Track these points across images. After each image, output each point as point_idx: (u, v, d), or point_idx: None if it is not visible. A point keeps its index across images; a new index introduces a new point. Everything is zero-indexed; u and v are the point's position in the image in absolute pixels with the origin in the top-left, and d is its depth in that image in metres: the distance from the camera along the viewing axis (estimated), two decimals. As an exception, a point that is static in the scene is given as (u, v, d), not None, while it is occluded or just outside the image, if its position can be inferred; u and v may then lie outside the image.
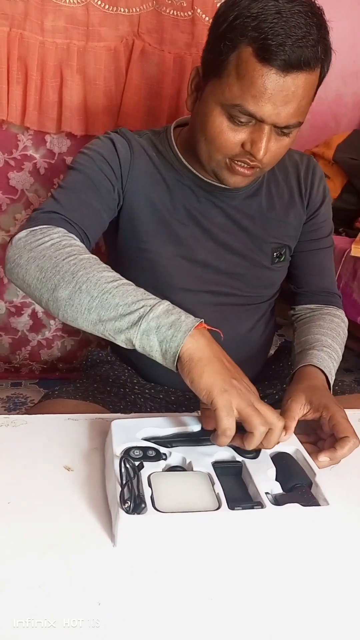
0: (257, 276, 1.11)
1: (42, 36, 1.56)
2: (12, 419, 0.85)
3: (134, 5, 1.60)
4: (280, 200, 1.11)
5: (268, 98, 0.84)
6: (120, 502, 0.62)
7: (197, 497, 0.66)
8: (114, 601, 0.56)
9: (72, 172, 0.99)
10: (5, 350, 2.05)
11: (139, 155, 1.03)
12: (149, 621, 0.54)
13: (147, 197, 1.03)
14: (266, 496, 0.67)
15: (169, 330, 0.71)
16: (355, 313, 1.85)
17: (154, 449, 0.72)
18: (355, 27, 2.30)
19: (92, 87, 1.63)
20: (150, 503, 0.63)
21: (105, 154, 1.00)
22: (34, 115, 1.62)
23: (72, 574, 0.59)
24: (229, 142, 0.91)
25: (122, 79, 1.65)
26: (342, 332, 1.15)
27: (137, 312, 0.73)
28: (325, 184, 1.16)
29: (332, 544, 0.66)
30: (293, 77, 0.83)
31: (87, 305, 0.75)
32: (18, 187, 1.79)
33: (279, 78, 0.83)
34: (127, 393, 1.10)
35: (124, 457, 0.69)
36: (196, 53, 1.67)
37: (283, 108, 0.86)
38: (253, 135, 0.89)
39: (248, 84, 0.84)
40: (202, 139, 0.95)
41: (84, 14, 1.57)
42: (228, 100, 0.87)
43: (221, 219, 1.07)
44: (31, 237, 0.84)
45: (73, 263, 0.78)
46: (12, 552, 0.61)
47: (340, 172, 2.16)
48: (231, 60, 0.86)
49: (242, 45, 0.84)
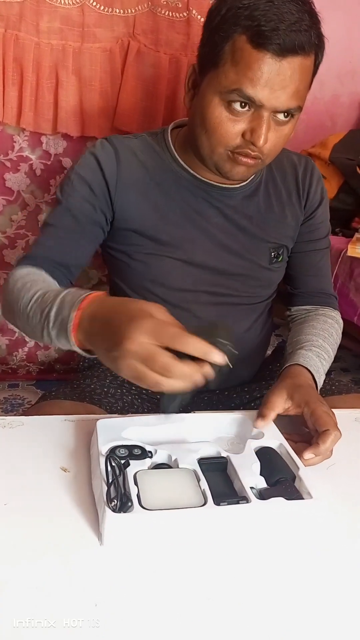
0: (255, 276, 1.12)
1: (37, 37, 1.56)
2: (8, 421, 0.85)
3: (129, 6, 1.60)
4: (278, 200, 1.11)
5: (265, 82, 0.85)
6: (106, 501, 0.63)
7: (183, 494, 0.66)
8: (113, 601, 0.56)
9: (58, 206, 1.04)
10: (2, 351, 2.04)
11: (127, 163, 1.04)
12: (148, 620, 0.54)
13: (139, 203, 1.04)
14: (251, 491, 0.68)
15: (63, 336, 0.76)
16: (352, 313, 1.85)
17: (139, 447, 0.72)
18: (351, 27, 2.30)
19: (87, 88, 1.63)
20: (137, 501, 0.63)
21: (88, 176, 1.02)
22: (29, 116, 1.62)
23: (71, 574, 0.59)
24: (229, 133, 0.91)
25: (118, 80, 1.65)
26: (335, 333, 1.15)
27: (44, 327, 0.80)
28: (323, 186, 1.16)
29: (316, 536, 0.67)
30: (289, 60, 0.84)
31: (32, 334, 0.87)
32: (14, 189, 1.79)
33: (275, 62, 0.84)
34: (124, 394, 1.10)
35: (110, 455, 0.69)
36: (192, 54, 1.67)
37: (281, 92, 0.86)
38: (252, 123, 0.89)
39: (245, 68, 0.85)
40: (202, 132, 0.95)
41: (79, 15, 1.57)
42: (225, 86, 0.88)
43: (219, 219, 1.07)
44: (12, 283, 0.94)
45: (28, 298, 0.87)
46: (11, 553, 0.61)
47: (337, 172, 2.16)
48: (226, 50, 0.87)
49: (236, 35, 0.85)
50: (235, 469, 0.71)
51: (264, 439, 0.78)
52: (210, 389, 1.16)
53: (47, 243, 1.04)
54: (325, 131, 2.38)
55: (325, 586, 0.61)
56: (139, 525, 0.63)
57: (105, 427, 0.76)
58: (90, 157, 1.04)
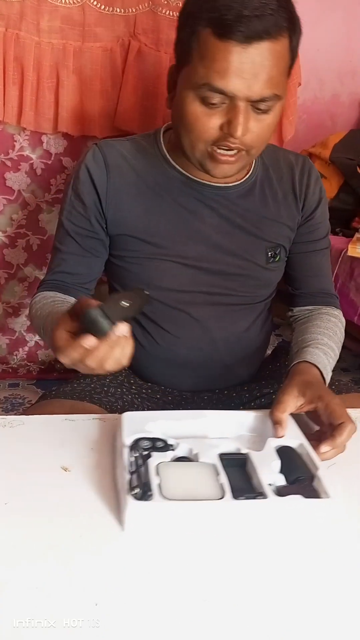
0: (252, 276, 1.11)
1: (38, 36, 1.56)
2: (9, 420, 0.85)
3: (130, 6, 1.60)
4: (274, 200, 1.10)
5: (234, 72, 0.83)
6: (128, 489, 0.65)
7: (202, 487, 0.68)
8: (113, 601, 0.56)
9: (61, 228, 1.10)
10: (3, 350, 2.04)
11: (117, 169, 1.04)
12: (149, 619, 0.54)
13: (131, 207, 1.04)
14: (269, 487, 0.69)
15: None
16: (352, 313, 1.85)
17: (162, 440, 0.75)
18: (350, 27, 2.30)
19: (88, 87, 1.63)
20: (158, 491, 0.66)
21: (80, 189, 1.05)
22: (30, 115, 1.62)
23: (71, 574, 0.59)
24: (206, 127, 0.90)
25: (119, 80, 1.65)
26: (339, 331, 1.15)
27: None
28: (321, 185, 1.16)
29: (332, 535, 0.67)
30: (255, 47, 0.82)
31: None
32: (15, 188, 1.79)
33: (241, 50, 0.82)
34: (124, 393, 1.10)
35: (133, 446, 0.72)
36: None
37: (253, 80, 0.84)
38: (229, 114, 0.88)
39: (210, 61, 0.84)
40: (182, 130, 0.95)
41: (80, 14, 1.57)
42: (196, 82, 0.87)
43: (214, 219, 1.06)
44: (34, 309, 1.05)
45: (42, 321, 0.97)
46: (11, 552, 0.61)
47: (337, 172, 2.16)
48: (193, 46, 0.87)
49: (200, 28, 0.85)
50: (255, 466, 0.72)
51: (284, 438, 0.79)
52: (213, 389, 1.16)
53: (57, 269, 1.10)
54: (325, 131, 2.38)
55: (339, 586, 0.61)
56: (158, 514, 0.65)
57: (130, 419, 0.78)
58: (83, 168, 1.05)
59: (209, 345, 1.11)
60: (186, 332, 1.10)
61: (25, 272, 1.94)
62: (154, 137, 1.08)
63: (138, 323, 1.12)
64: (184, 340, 1.10)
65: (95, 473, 0.74)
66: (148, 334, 1.11)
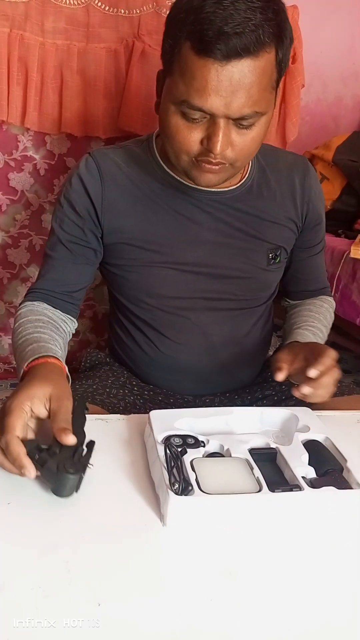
0: (252, 278, 1.11)
1: (42, 37, 1.56)
2: (11, 420, 0.85)
3: (134, 7, 1.60)
4: (272, 202, 1.09)
5: (212, 90, 0.82)
6: (169, 485, 0.67)
7: (238, 481, 0.70)
8: (114, 601, 0.56)
9: (52, 235, 1.09)
10: (5, 350, 2.04)
11: (111, 179, 1.04)
12: (149, 618, 0.54)
13: (127, 216, 1.04)
14: (302, 480, 0.71)
15: None
16: (354, 315, 1.85)
17: (192, 437, 0.77)
18: (354, 29, 2.30)
19: (92, 88, 1.63)
20: (197, 486, 0.68)
21: (74, 199, 1.05)
22: (34, 116, 1.62)
23: (71, 574, 0.59)
24: (187, 141, 0.89)
25: (122, 81, 1.65)
26: (329, 315, 1.22)
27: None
28: (320, 188, 1.16)
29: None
30: (234, 64, 0.80)
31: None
32: (18, 188, 1.80)
33: (219, 68, 0.80)
34: (126, 394, 1.10)
35: (167, 443, 0.74)
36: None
37: (232, 98, 0.82)
38: (208, 130, 0.87)
39: (190, 79, 0.83)
40: (166, 140, 0.94)
41: (84, 15, 1.57)
42: (176, 97, 0.86)
43: (211, 223, 1.06)
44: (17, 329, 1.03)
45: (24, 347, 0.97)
46: (12, 552, 0.61)
47: (340, 174, 2.16)
48: (175, 58, 0.85)
49: (182, 41, 0.83)
50: (286, 459, 0.74)
51: (310, 432, 0.81)
52: (214, 393, 1.17)
53: (46, 276, 1.09)
54: (328, 133, 2.38)
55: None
56: (200, 508, 0.67)
57: (157, 417, 0.80)
58: (76, 178, 1.05)
59: (209, 350, 1.11)
60: (187, 338, 1.10)
61: (28, 272, 1.94)
62: (146, 144, 1.08)
63: (140, 330, 1.12)
64: (184, 346, 1.10)
65: (97, 473, 0.74)
66: (149, 341, 1.11)
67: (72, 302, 1.11)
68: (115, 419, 0.88)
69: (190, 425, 0.81)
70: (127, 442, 0.82)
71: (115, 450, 0.80)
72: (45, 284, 1.09)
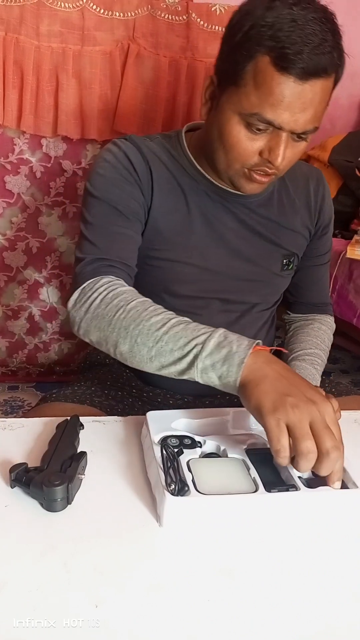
0: (266, 282, 1.12)
1: (37, 40, 1.56)
2: (9, 422, 0.85)
3: (129, 10, 1.61)
4: (291, 209, 1.11)
5: (286, 106, 0.84)
6: (165, 485, 0.66)
7: (235, 481, 0.70)
8: (114, 601, 0.56)
9: (95, 201, 0.98)
10: (2, 353, 2.05)
11: (154, 163, 1.02)
12: (147, 618, 0.55)
13: (163, 205, 1.02)
14: (299, 480, 0.71)
15: (223, 366, 0.74)
16: (351, 315, 1.85)
17: (189, 438, 0.77)
18: (349, 30, 2.30)
19: (87, 91, 1.63)
20: (193, 486, 0.67)
21: (122, 170, 0.99)
22: (29, 119, 1.63)
23: (71, 575, 0.59)
24: (247, 151, 0.91)
25: (118, 83, 1.65)
26: (327, 339, 1.21)
27: (192, 353, 0.76)
28: (331, 201, 1.18)
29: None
30: (311, 84, 0.83)
31: (147, 356, 0.81)
32: (14, 191, 1.80)
33: (297, 86, 0.83)
34: (125, 396, 1.10)
35: (164, 444, 0.73)
36: (191, 57, 1.68)
37: (301, 115, 0.86)
38: (271, 142, 0.89)
39: (266, 93, 0.84)
40: (219, 147, 0.94)
41: (80, 18, 1.58)
42: (246, 109, 0.87)
43: (234, 224, 1.06)
44: (82, 296, 0.90)
45: (123, 317, 0.83)
46: (11, 553, 0.61)
47: (336, 174, 2.16)
48: (248, 70, 0.85)
49: (259, 55, 0.84)
50: None
51: None
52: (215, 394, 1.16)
53: (98, 243, 0.95)
54: (324, 133, 2.38)
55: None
56: (196, 508, 0.67)
57: (154, 418, 0.80)
58: (120, 153, 1.01)
59: None
60: None
61: (24, 275, 1.94)
62: (176, 139, 1.07)
63: None
64: None
65: (94, 475, 0.74)
66: None
67: (130, 274, 0.97)
68: (112, 420, 0.89)
69: (187, 426, 0.81)
70: (124, 444, 0.82)
71: (112, 452, 0.80)
72: (97, 251, 0.94)
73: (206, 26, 1.66)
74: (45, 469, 0.69)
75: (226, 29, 0.90)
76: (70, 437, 0.77)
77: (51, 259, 1.94)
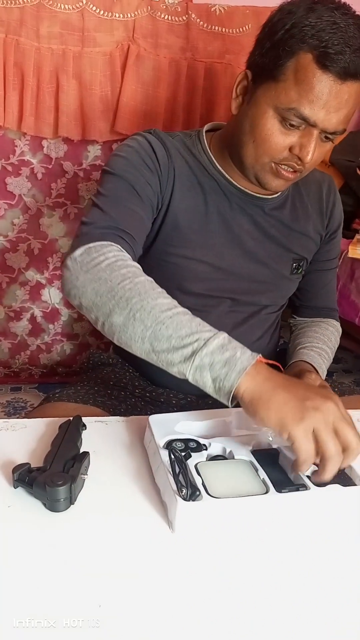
0: (275, 284, 1.12)
1: (37, 42, 1.57)
2: (11, 423, 0.85)
3: (128, 11, 1.61)
4: (304, 214, 1.12)
5: (323, 104, 0.86)
6: (176, 491, 0.66)
7: (244, 483, 0.70)
8: (114, 600, 0.56)
9: (111, 177, 0.96)
10: (5, 355, 2.05)
11: (176, 159, 1.02)
12: (152, 618, 0.55)
13: (183, 201, 1.02)
14: (307, 479, 0.71)
15: (222, 369, 0.70)
16: (353, 314, 1.85)
17: (194, 441, 0.76)
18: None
19: (88, 92, 1.64)
20: (204, 490, 0.67)
21: (144, 156, 0.98)
22: (30, 120, 1.63)
23: (72, 575, 0.59)
24: (278, 145, 0.92)
25: (118, 84, 1.66)
26: (334, 339, 1.21)
27: (191, 347, 0.72)
28: (341, 207, 1.19)
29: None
30: (349, 85, 0.85)
31: (141, 335, 0.75)
32: (15, 192, 1.80)
33: (336, 85, 0.85)
34: (128, 396, 1.10)
35: (170, 448, 0.73)
36: (191, 57, 1.68)
37: (335, 114, 0.87)
38: (302, 139, 0.90)
39: (307, 89, 0.86)
40: (250, 141, 0.95)
41: (79, 19, 1.58)
42: (284, 103, 0.88)
43: (249, 226, 1.07)
44: (86, 256, 0.83)
45: (128, 288, 0.77)
46: (11, 553, 0.61)
47: (337, 174, 2.16)
48: (289, 65, 0.87)
49: (302, 52, 0.85)
50: (289, 460, 0.73)
51: None
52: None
53: (110, 212, 0.91)
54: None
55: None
56: (209, 513, 0.66)
57: (157, 422, 0.79)
58: (144, 141, 1.00)
59: None
60: None
61: (26, 276, 1.94)
62: (196, 138, 1.07)
63: None
64: None
65: (97, 475, 0.74)
66: None
67: (135, 249, 0.92)
68: (115, 421, 0.88)
69: (190, 429, 0.80)
70: (126, 445, 0.82)
71: (115, 452, 0.80)
72: (109, 219, 0.90)
73: (206, 26, 1.66)
74: (48, 469, 0.69)
75: (265, 27, 0.92)
76: (73, 437, 0.77)
77: (53, 260, 1.94)
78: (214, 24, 1.67)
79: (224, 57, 1.70)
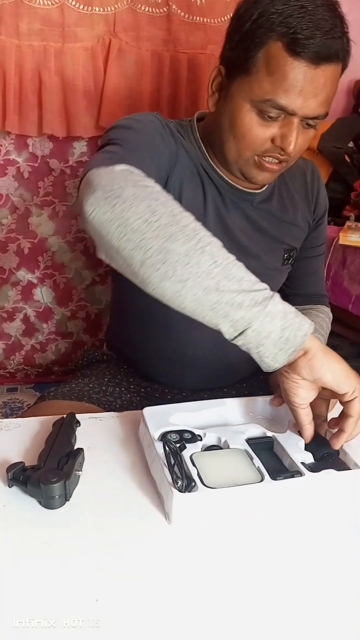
0: (269, 278, 1.10)
1: (17, 39, 1.55)
2: (5, 423, 0.85)
3: (108, 4, 1.59)
4: (291, 203, 1.11)
5: (299, 91, 0.84)
6: (172, 482, 0.66)
7: (240, 472, 0.71)
8: (113, 600, 0.56)
9: (122, 130, 0.89)
10: (0, 356, 2.05)
11: (179, 141, 1.00)
12: (152, 616, 0.54)
13: (186, 188, 1.00)
14: (302, 465, 0.71)
15: (296, 318, 0.69)
16: (346, 301, 1.85)
17: (189, 432, 0.77)
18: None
19: (71, 88, 1.62)
20: (199, 481, 0.67)
21: (158, 127, 0.95)
22: (14, 119, 1.62)
23: (70, 573, 0.59)
24: (259, 138, 0.90)
25: (101, 79, 1.64)
26: (325, 325, 1.20)
27: (262, 293, 0.69)
28: (325, 191, 1.18)
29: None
30: (323, 69, 0.83)
31: (207, 269, 0.68)
32: (2, 192, 1.79)
33: (310, 70, 0.83)
34: (123, 392, 1.10)
35: (165, 440, 0.73)
36: (173, 49, 1.67)
37: (313, 100, 0.85)
38: (283, 129, 0.88)
39: (280, 78, 0.84)
40: (230, 137, 0.93)
41: (59, 15, 1.57)
42: (258, 95, 0.86)
43: (241, 220, 1.06)
44: (128, 174, 0.73)
45: (192, 220, 0.71)
46: (11, 553, 0.61)
47: (325, 161, 2.15)
48: (260, 57, 0.85)
49: (271, 41, 0.83)
50: (283, 447, 0.75)
51: None
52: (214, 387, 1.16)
53: (127, 154, 0.83)
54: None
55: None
56: (205, 503, 0.66)
57: (151, 414, 0.79)
58: (151, 115, 0.98)
59: (218, 345, 1.08)
60: (198, 333, 1.08)
61: (17, 276, 1.94)
62: (188, 128, 1.04)
63: (149, 322, 1.10)
64: (195, 340, 1.09)
65: (92, 472, 0.74)
66: (159, 333, 1.10)
67: None
68: (109, 416, 0.88)
69: (185, 420, 0.80)
70: (121, 440, 0.82)
71: (110, 448, 0.80)
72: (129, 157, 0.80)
73: (187, 17, 1.65)
74: (42, 467, 0.69)
75: (233, 19, 0.90)
76: (67, 434, 0.77)
77: (43, 259, 1.93)
78: (195, 15, 1.66)
79: (207, 48, 1.69)
